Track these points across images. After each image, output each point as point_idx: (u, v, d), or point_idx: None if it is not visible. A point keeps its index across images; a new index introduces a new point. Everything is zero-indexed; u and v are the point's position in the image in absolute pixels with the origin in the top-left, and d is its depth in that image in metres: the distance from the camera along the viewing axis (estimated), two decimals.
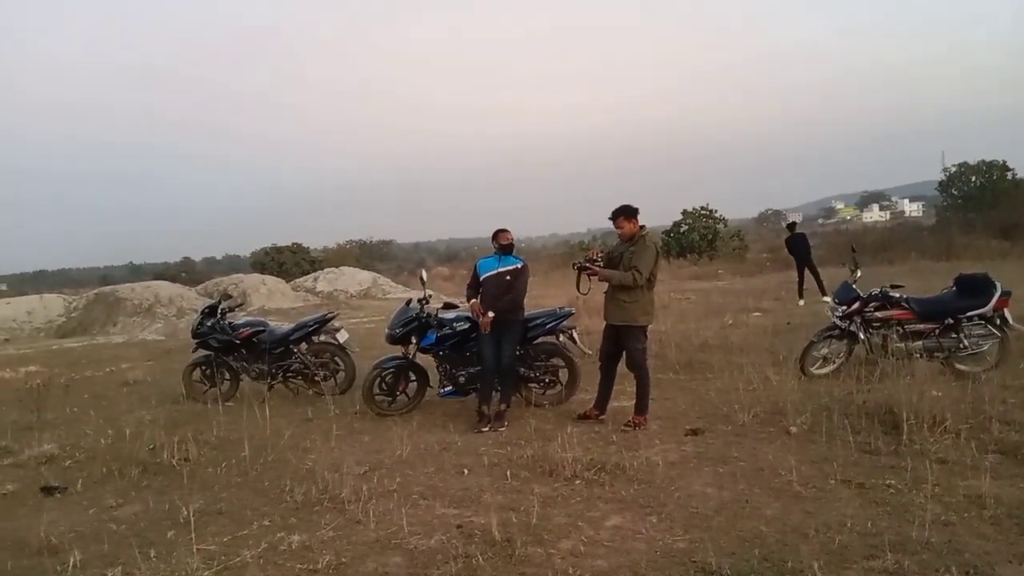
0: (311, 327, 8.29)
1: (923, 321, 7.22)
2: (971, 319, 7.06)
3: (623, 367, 6.25)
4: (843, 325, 7.46)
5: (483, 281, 6.57)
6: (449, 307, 7.23)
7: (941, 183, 37.90)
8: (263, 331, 8.23)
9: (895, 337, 7.28)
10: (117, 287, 22.25)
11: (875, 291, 7.48)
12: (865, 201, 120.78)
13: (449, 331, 6.90)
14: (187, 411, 7.73)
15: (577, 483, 4.73)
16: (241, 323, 8.38)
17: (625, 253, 5.96)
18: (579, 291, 6.28)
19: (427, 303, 7.05)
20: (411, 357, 7.08)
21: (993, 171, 35.42)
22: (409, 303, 7.21)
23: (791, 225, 16.87)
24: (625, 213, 6.00)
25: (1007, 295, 7.05)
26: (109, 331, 18.74)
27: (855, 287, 7.59)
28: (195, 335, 8.22)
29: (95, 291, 22.59)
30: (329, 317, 8.54)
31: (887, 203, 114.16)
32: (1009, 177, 34.61)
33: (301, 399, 7.98)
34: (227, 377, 8.21)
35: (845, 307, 7.47)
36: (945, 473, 4.54)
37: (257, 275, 26.80)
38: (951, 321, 7.10)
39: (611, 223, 6.14)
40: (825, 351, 7.56)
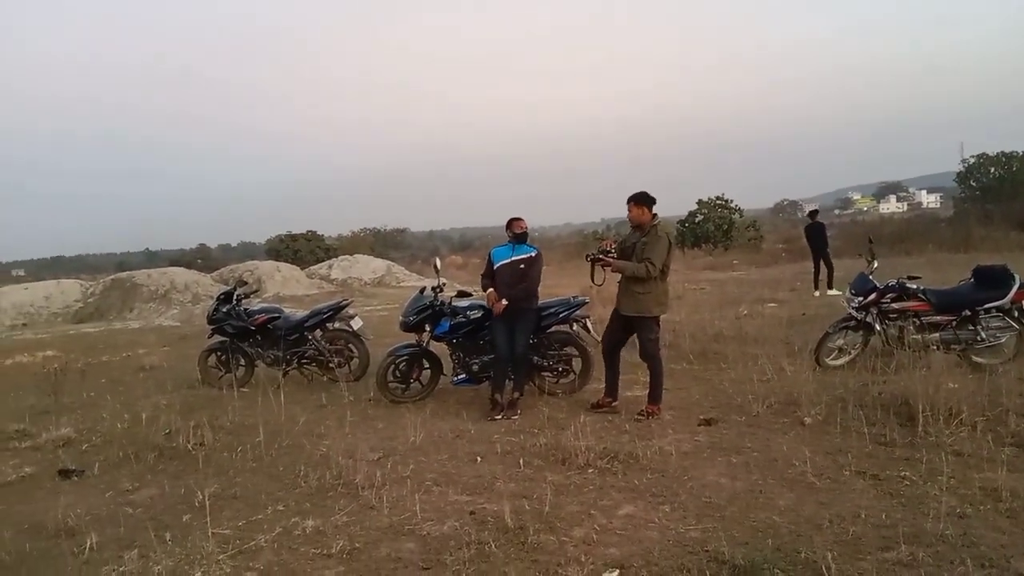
0: (325, 314, 8.32)
1: (940, 313, 7.15)
2: (989, 311, 6.98)
3: (636, 357, 6.24)
4: (859, 316, 7.40)
5: (497, 269, 6.56)
6: (463, 295, 7.24)
7: (959, 174, 37.36)
8: (278, 318, 8.28)
9: (911, 329, 7.22)
10: (133, 273, 22.41)
11: (892, 282, 7.41)
12: (882, 192, 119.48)
13: (463, 319, 6.90)
14: (202, 396, 7.80)
15: (590, 472, 4.73)
16: (256, 310, 8.44)
17: (638, 244, 5.91)
18: (593, 282, 6.25)
19: (441, 291, 7.06)
20: (425, 345, 7.10)
21: (1012, 162, 34.88)
22: (423, 291, 7.22)
23: (812, 213, 16.26)
24: (637, 199, 5.94)
25: None
26: (125, 317, 18.91)
27: (872, 278, 7.52)
28: (211, 321, 8.29)
29: (112, 277, 22.78)
30: (343, 304, 8.56)
31: (904, 194, 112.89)
32: None
33: (315, 385, 8.02)
34: (242, 363, 8.28)
35: (861, 298, 7.41)
36: (961, 465, 4.50)
37: (272, 262, 26.91)
38: (968, 313, 7.03)
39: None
40: (841, 342, 7.51)
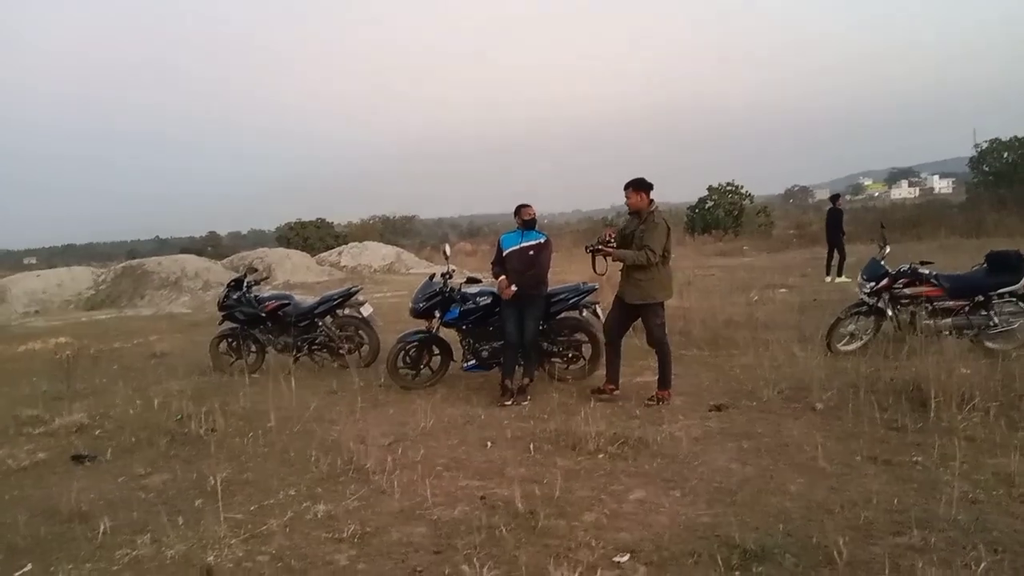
0: (335, 301, 8.34)
1: (952, 298, 7.10)
2: (1002, 296, 6.93)
3: (645, 343, 6.22)
4: (871, 302, 7.35)
5: (506, 256, 6.54)
6: (472, 281, 7.23)
7: (972, 159, 36.87)
8: (288, 304, 8.30)
9: (924, 314, 7.17)
10: (144, 260, 22.47)
11: (904, 267, 7.36)
12: (894, 178, 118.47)
13: (472, 305, 6.91)
14: (214, 383, 7.84)
15: (600, 457, 4.74)
16: (267, 296, 8.46)
17: (636, 231, 5.91)
18: (596, 272, 6.24)
19: (450, 277, 7.06)
20: (435, 331, 7.10)
21: None
22: (432, 277, 7.22)
23: (834, 197, 16.06)
24: (635, 185, 5.93)
25: None
26: (137, 304, 18.99)
27: (884, 263, 7.47)
28: (221, 308, 8.33)
29: (123, 264, 22.87)
30: (353, 291, 8.57)
31: (916, 180, 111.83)
32: None
33: (326, 372, 8.04)
34: (253, 349, 8.32)
35: (873, 283, 7.37)
36: (973, 451, 4.47)
37: (282, 249, 26.97)
38: (981, 298, 6.98)
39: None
40: (852, 328, 7.47)
